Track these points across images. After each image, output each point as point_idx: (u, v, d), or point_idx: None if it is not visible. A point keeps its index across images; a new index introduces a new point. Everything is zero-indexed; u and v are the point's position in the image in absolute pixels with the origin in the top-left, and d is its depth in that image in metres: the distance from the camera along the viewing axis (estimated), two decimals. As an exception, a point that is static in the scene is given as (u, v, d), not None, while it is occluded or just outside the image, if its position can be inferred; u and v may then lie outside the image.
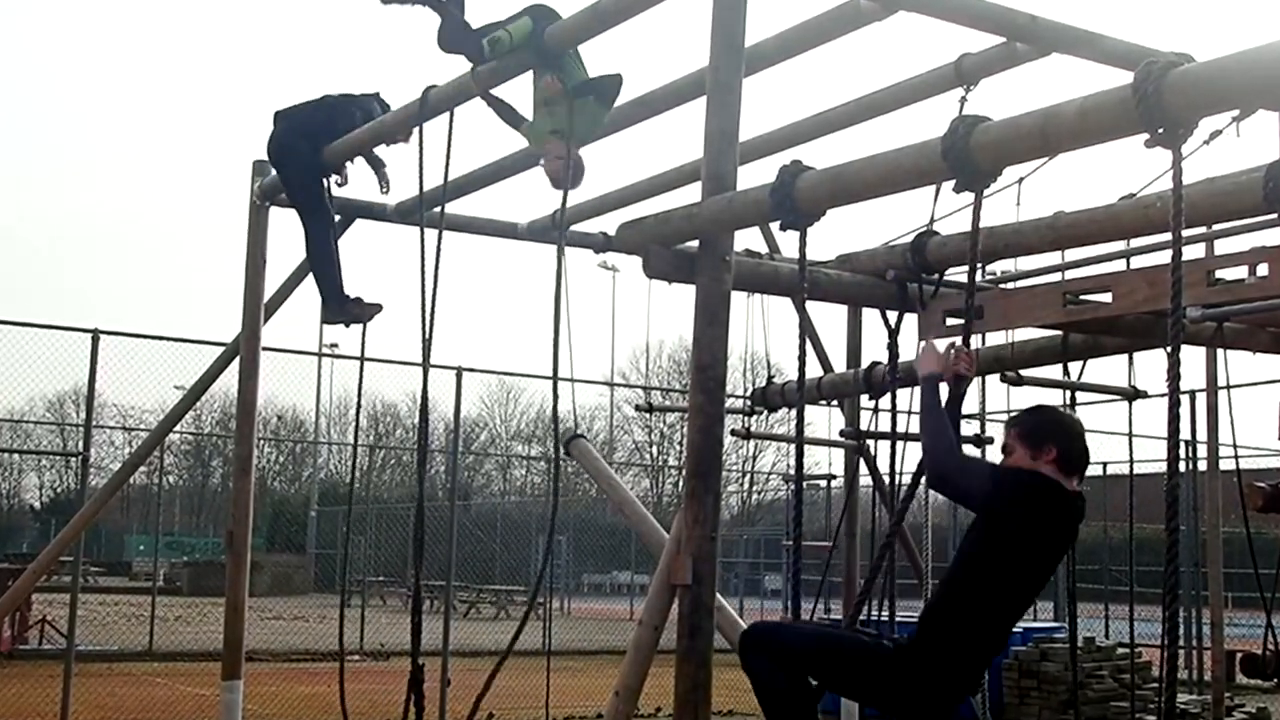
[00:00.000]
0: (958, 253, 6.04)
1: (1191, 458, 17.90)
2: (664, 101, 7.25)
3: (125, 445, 39.22)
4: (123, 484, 12.99)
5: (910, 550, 9.40)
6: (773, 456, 50.12)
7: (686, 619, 5.15)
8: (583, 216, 9.12)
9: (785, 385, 9.19)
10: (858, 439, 8.87)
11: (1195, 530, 18.98)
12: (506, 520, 36.52)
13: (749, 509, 51.82)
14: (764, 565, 39.47)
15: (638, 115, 7.41)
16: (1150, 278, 5.89)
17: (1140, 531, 11.72)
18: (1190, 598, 19.64)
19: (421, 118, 7.41)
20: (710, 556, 5.17)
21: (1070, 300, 6.27)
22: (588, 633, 25.28)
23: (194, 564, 40.22)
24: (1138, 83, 3.62)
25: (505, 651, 6.80)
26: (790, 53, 6.48)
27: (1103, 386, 8.04)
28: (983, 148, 4.14)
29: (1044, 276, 7.24)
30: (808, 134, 7.67)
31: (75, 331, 14.29)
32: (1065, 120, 3.88)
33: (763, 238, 9.20)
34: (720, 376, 5.23)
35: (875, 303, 6.72)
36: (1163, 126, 3.63)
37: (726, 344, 5.29)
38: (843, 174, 4.66)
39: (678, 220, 5.35)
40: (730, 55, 5.28)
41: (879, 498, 8.50)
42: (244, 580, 9.35)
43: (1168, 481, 3.84)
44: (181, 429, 35.09)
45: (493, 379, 52.84)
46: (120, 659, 19.23)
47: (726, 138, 5.24)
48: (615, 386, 51.07)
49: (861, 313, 9.49)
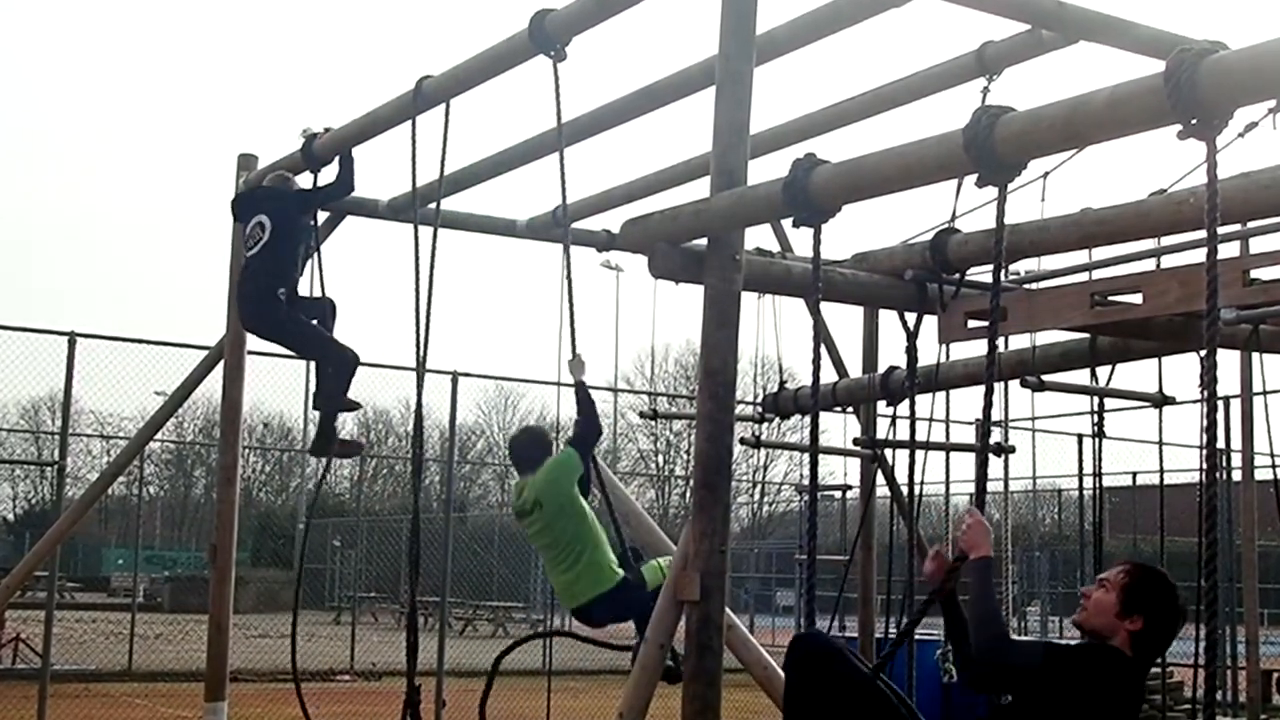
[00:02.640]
0: (980, 251, 6.03)
1: (1225, 467, 17.89)
2: (671, 92, 7.25)
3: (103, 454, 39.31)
4: (100, 495, 13.01)
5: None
6: (785, 466, 50.13)
7: (695, 636, 5.14)
8: (585, 213, 9.13)
9: (798, 391, 9.18)
10: (874, 448, 8.86)
11: (1229, 543, 18.98)
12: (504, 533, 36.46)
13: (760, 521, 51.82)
14: (776, 580, 39.47)
15: (643, 106, 7.42)
16: (1183, 278, 5.88)
17: (1171, 545, 11.71)
18: (1224, 614, 19.63)
19: (415, 109, 7.41)
20: (719, 571, 5.16)
21: (1098, 301, 6.26)
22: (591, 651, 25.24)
23: (176, 579, 40.21)
24: (1170, 71, 3.61)
25: (492, 670, 6.80)
26: (804, 40, 6.49)
27: (1131, 393, 8.03)
28: (1006, 140, 4.14)
29: (1071, 276, 7.22)
30: (822, 126, 7.67)
31: (50, 334, 14.32)
32: (1093, 111, 3.87)
33: (774, 235, 9.21)
34: (729, 382, 5.23)
35: (893, 304, 6.72)
36: (1196, 117, 3.62)
37: (736, 348, 5.28)
38: (859, 168, 4.65)
39: (685, 217, 5.35)
40: (741, 43, 5.28)
41: (897, 509, 8.49)
42: (228, 596, 9.35)
43: (1204, 491, 3.83)
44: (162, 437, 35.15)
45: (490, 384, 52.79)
46: (98, 679, 19.22)
47: (737, 130, 5.24)
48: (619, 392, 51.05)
49: (878, 314, 9.50)
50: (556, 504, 7.22)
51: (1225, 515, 19.07)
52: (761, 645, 7.85)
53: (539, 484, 7.30)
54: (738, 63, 5.26)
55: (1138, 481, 20.61)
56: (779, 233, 9.19)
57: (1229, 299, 5.86)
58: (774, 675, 7.34)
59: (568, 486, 7.19)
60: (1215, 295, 3.83)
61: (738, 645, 7.44)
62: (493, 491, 56.09)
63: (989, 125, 4.16)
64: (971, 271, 6.42)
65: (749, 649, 7.51)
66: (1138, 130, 3.86)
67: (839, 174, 4.70)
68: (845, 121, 7.55)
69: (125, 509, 45.96)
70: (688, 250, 5.42)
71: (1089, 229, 5.66)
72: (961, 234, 6.33)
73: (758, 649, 7.59)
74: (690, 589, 5.16)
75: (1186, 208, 5.18)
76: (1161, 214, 5.46)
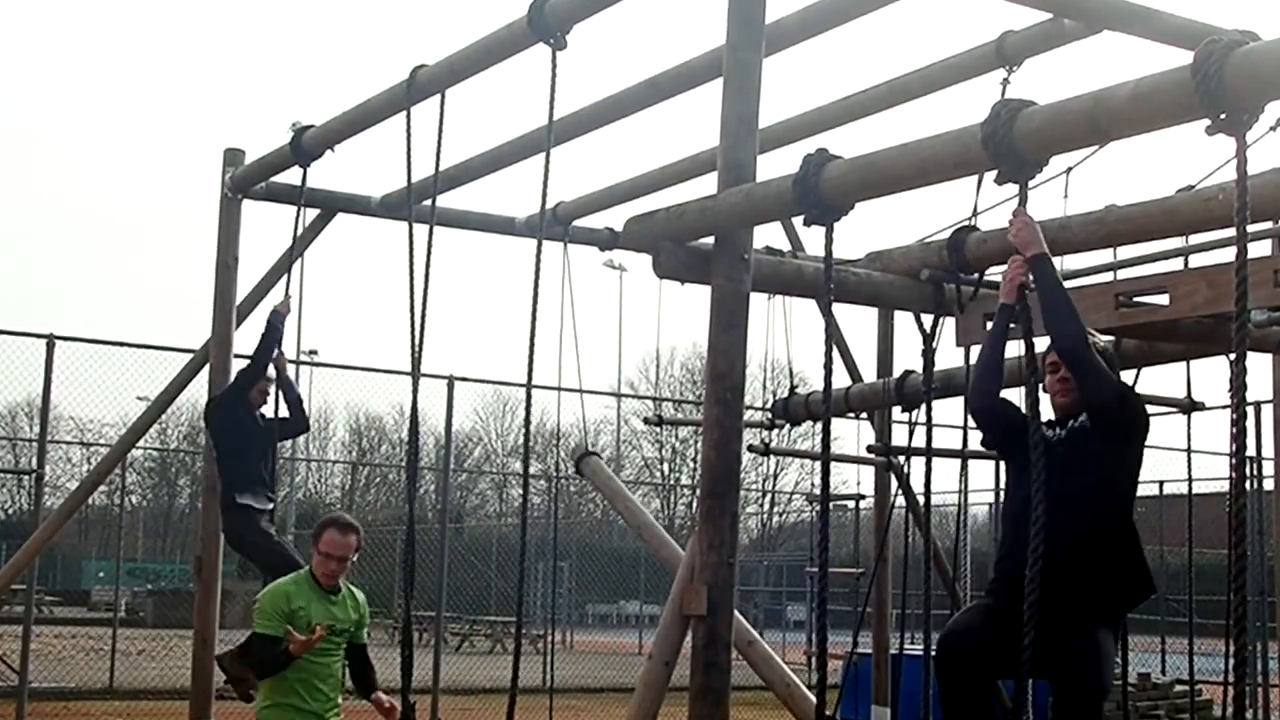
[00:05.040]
0: (1000, 250, 6.03)
1: (1256, 475, 17.87)
2: (676, 84, 7.26)
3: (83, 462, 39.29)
4: (80, 505, 13.02)
5: (946, 577, 9.40)
6: (796, 474, 50.17)
7: (701, 653, 5.15)
8: (587, 210, 9.14)
9: (809, 396, 9.19)
10: (889, 455, 8.88)
11: (1260, 555, 18.96)
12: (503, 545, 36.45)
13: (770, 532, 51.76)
14: (786, 594, 39.43)
15: (647, 99, 7.42)
16: (1211, 278, 5.88)
17: (1200, 556, 11.70)
18: (1254, 630, 19.60)
19: (410, 100, 7.41)
20: (727, 584, 5.17)
21: (1123, 303, 6.26)
22: (593, 668, 25.27)
23: (159, 593, 40.19)
24: (1198, 63, 3.62)
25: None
26: (815, 30, 6.50)
27: (1159, 398, 8.04)
28: (1027, 135, 4.15)
29: (1094, 276, 7.23)
30: (835, 120, 7.68)
31: (28, 337, 14.33)
32: (1118, 104, 3.88)
33: (785, 234, 9.21)
34: (738, 386, 5.24)
35: (909, 305, 6.73)
36: (1225, 111, 3.63)
37: (745, 351, 5.29)
38: (873, 164, 4.66)
39: (691, 215, 5.36)
40: (749, 32, 5.29)
41: (913, 520, 8.50)
42: (214, 611, 9.36)
43: (1233, 501, 3.83)
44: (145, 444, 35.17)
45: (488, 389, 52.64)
46: (78, 697, 19.21)
47: (745, 124, 5.25)
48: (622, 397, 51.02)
49: (893, 316, 9.50)
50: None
51: (1255, 526, 19.07)
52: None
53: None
54: (746, 53, 5.27)
55: (1165, 491, 20.57)
56: (789, 231, 9.19)
57: (1259, 300, 5.86)
58: (796, 693, 7.33)
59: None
60: (1245, 296, 3.83)
61: (759, 662, 7.43)
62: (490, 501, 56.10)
63: (1009, 120, 4.17)
64: (991, 271, 6.42)
65: (771, 666, 7.50)
66: (1164, 125, 3.87)
67: (852, 170, 4.71)
68: (859, 115, 7.56)
69: (106, 519, 46.02)
70: (694, 249, 5.43)
71: (1113, 227, 5.67)
72: (980, 232, 6.34)
73: (781, 666, 7.58)
74: (696, 603, 5.16)
75: (1215, 205, 5.19)
76: (1189, 212, 5.47)
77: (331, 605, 6.93)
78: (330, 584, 6.95)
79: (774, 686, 7.60)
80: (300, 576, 7.02)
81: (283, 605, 6.77)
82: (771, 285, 6.19)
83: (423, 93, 7.33)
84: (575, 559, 36.48)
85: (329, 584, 6.95)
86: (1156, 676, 15.78)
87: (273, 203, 9.36)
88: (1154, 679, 15.27)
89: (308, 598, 6.86)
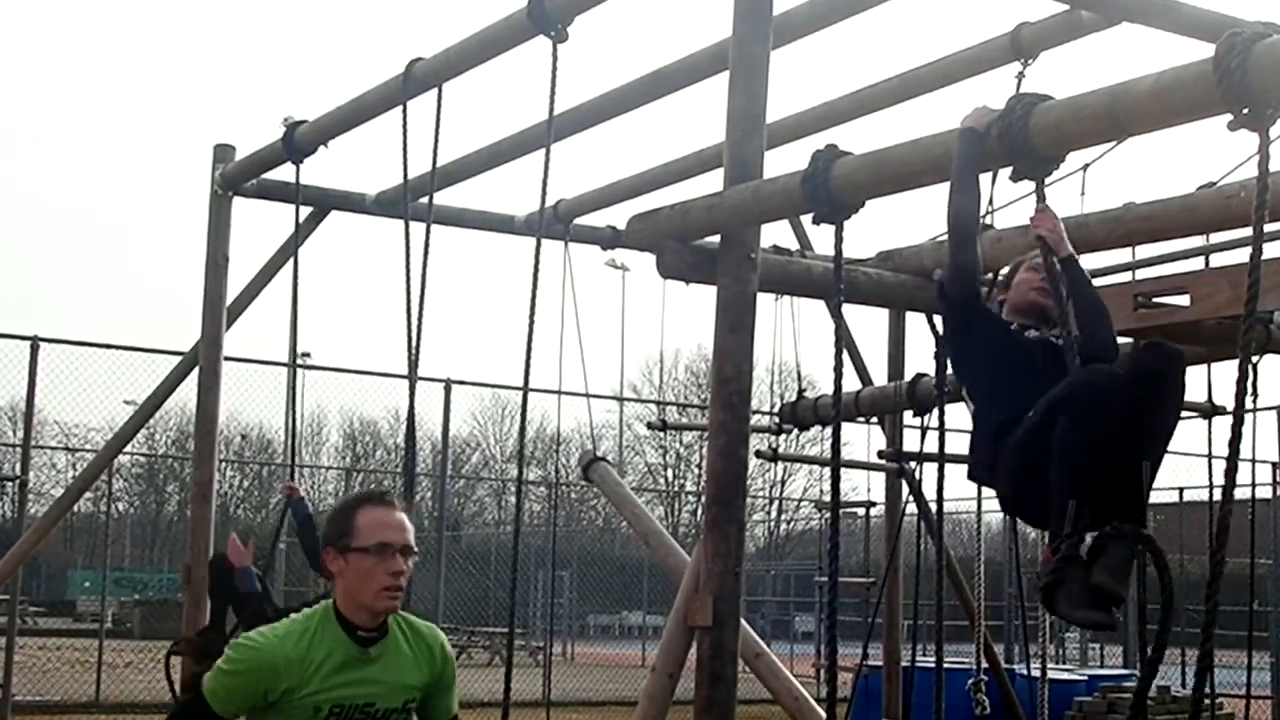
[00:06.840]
0: (1015, 250, 6.04)
1: (1275, 482, 17.88)
2: (681, 77, 7.26)
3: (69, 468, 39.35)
4: (66, 512, 13.04)
5: (960, 587, 9.40)
6: (804, 481, 50.07)
7: (706, 665, 5.15)
8: (589, 208, 9.14)
9: (818, 400, 9.19)
10: (900, 461, 8.87)
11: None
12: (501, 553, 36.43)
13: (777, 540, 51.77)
14: (794, 604, 39.41)
15: (651, 93, 7.43)
16: (1233, 278, 5.88)
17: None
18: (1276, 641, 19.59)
19: (406, 94, 7.41)
20: (733, 594, 5.17)
21: (1142, 303, 6.27)
22: (594, 681, 25.26)
23: (147, 603, 40.18)
24: (1220, 56, 3.62)
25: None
26: (824, 22, 6.50)
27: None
28: (1043, 131, 4.15)
29: (1112, 276, 7.24)
30: (844, 114, 7.68)
31: (11, 339, 14.35)
32: (1137, 99, 3.88)
33: (793, 232, 9.22)
34: (744, 390, 5.24)
35: (920, 306, 6.73)
36: (1248, 106, 3.63)
37: (751, 353, 5.29)
38: (884, 160, 4.66)
39: (696, 212, 5.36)
40: (756, 25, 5.29)
41: (925, 528, 8.49)
42: (203, 622, 9.35)
43: (1252, 508, 3.83)
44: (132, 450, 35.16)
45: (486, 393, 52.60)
46: (63, 710, 19.21)
47: (752, 119, 5.26)
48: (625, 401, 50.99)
49: (905, 318, 9.50)
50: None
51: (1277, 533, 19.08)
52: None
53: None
54: (752, 46, 5.27)
55: (1185, 498, 20.58)
56: (798, 229, 9.19)
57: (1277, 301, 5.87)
58: (804, 706, 7.33)
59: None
60: (1256, 296, 3.82)
61: (766, 674, 7.42)
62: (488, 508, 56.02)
63: (1024, 115, 4.17)
64: (1005, 272, 6.42)
65: (779, 679, 7.49)
66: (1184, 120, 3.88)
67: (863, 166, 4.72)
68: (869, 109, 7.56)
69: (92, 527, 45.94)
70: (699, 248, 5.44)
71: (1131, 225, 5.68)
72: (995, 231, 6.35)
73: (788, 678, 7.57)
74: (701, 613, 5.16)
75: (1236, 203, 5.20)
76: (1210, 209, 5.47)
77: (367, 665, 3.92)
78: (376, 624, 3.97)
79: (781, 700, 7.59)
80: (315, 615, 3.94)
81: (266, 682, 3.76)
82: (779, 286, 6.20)
83: (419, 87, 7.33)
84: (576, 568, 36.44)
85: (374, 624, 3.96)
86: (1176, 689, 15.74)
87: (265, 200, 9.37)
88: (1173, 692, 15.22)
89: (324, 658, 3.84)
